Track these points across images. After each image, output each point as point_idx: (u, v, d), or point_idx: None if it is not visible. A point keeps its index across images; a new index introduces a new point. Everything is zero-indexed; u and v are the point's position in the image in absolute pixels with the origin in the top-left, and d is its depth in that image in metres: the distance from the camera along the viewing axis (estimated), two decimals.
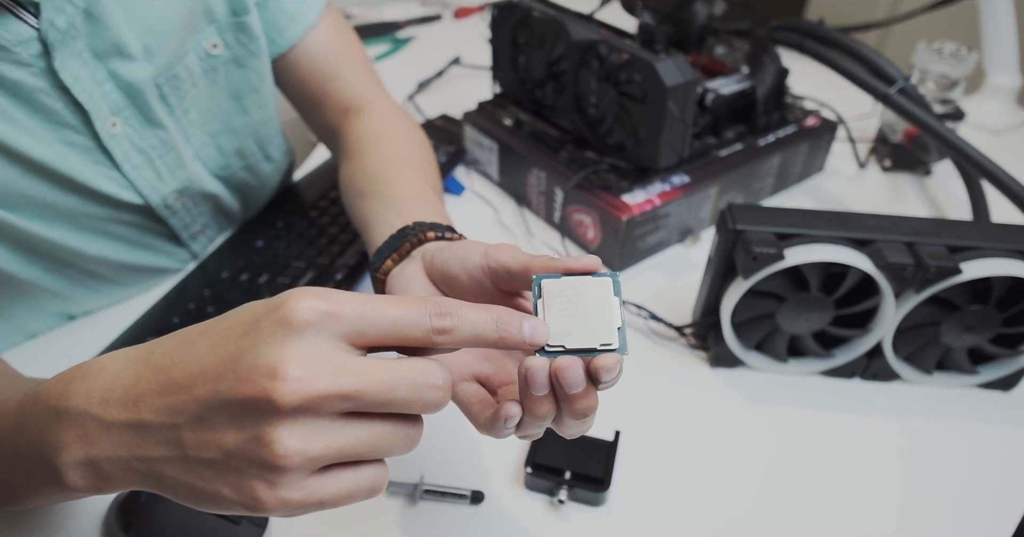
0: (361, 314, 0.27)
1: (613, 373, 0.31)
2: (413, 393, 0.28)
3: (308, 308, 0.26)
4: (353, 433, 0.27)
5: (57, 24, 0.46)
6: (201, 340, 0.28)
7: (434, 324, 0.29)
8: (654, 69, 0.59)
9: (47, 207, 0.51)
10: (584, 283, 0.33)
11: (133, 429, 0.28)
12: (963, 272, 0.49)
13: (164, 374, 0.28)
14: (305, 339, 0.26)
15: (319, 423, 0.26)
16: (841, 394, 0.57)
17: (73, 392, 0.30)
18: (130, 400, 0.28)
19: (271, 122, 0.66)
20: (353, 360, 0.27)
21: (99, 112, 0.51)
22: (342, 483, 0.28)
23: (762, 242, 0.50)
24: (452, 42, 1.13)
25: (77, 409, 0.29)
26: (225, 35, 0.58)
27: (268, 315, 0.27)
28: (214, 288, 0.61)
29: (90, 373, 0.30)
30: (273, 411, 0.26)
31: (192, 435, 0.27)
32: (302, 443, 0.26)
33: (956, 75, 0.79)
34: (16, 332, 0.58)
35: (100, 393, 0.29)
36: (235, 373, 0.26)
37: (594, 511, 0.48)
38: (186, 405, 0.27)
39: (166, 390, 0.28)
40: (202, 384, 0.27)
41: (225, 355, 0.27)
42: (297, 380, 0.25)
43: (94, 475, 0.30)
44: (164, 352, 0.29)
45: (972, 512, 0.49)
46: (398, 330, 0.28)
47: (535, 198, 0.74)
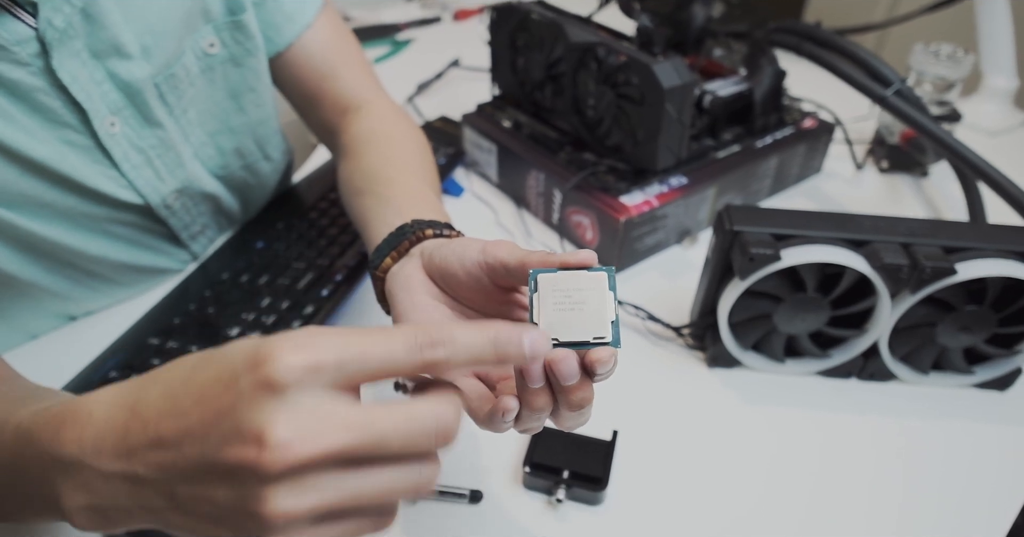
0: (345, 360, 0.26)
1: (608, 366, 0.32)
2: (407, 442, 0.26)
3: (288, 367, 0.25)
4: (347, 486, 0.26)
5: (55, 23, 0.46)
6: (183, 393, 0.27)
7: (425, 357, 0.27)
8: (652, 71, 0.59)
9: (46, 206, 0.52)
10: (579, 277, 0.33)
11: (129, 480, 0.28)
12: (958, 273, 0.49)
13: (152, 428, 0.27)
14: (288, 399, 0.25)
15: (308, 482, 0.26)
16: (838, 394, 0.57)
17: (66, 439, 0.30)
18: (122, 452, 0.28)
19: (269, 121, 0.67)
20: (342, 411, 0.26)
21: (98, 111, 0.51)
22: (340, 530, 0.27)
23: (759, 243, 0.50)
24: (451, 44, 1.14)
25: (72, 457, 0.29)
26: (222, 34, 0.58)
27: (248, 373, 0.25)
28: (215, 289, 0.61)
29: (79, 419, 0.30)
30: (259, 478, 0.25)
31: (186, 490, 0.27)
32: (290, 504, 0.25)
33: (953, 77, 0.79)
34: (17, 332, 0.58)
35: (92, 442, 0.29)
36: (219, 437, 0.25)
37: (592, 510, 0.48)
38: (176, 463, 0.27)
39: (156, 445, 0.27)
40: (189, 443, 0.26)
41: (207, 415, 0.26)
42: (281, 446, 0.24)
43: (100, 519, 0.30)
44: (150, 402, 0.28)
45: (968, 511, 0.49)
46: (387, 368, 0.27)
47: (534, 199, 0.74)
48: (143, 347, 0.56)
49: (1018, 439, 0.54)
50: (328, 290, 0.61)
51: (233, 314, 0.58)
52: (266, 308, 0.59)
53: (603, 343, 0.32)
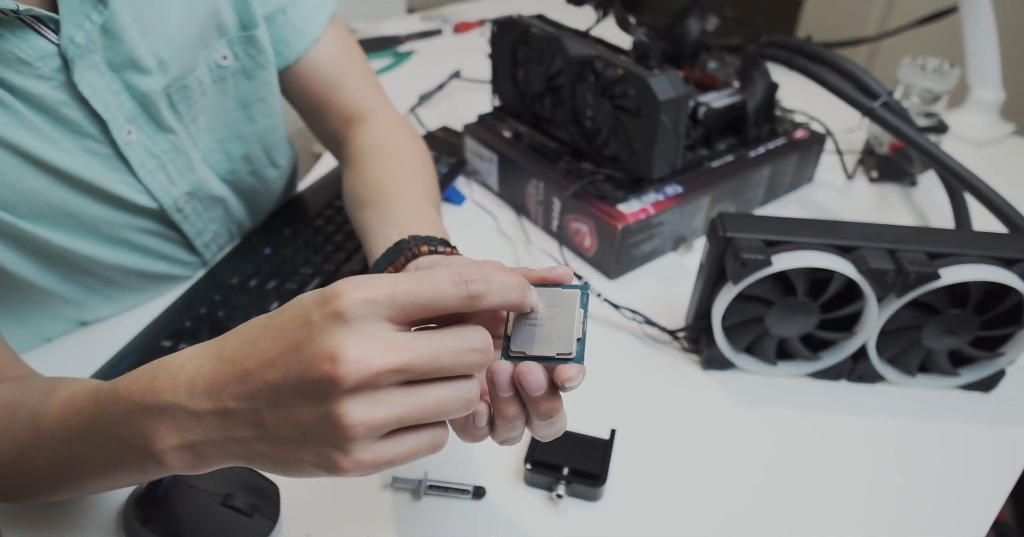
0: (399, 295, 0.30)
1: (575, 382, 0.34)
2: (456, 358, 0.31)
3: (353, 299, 0.29)
4: (409, 401, 0.30)
5: (76, 39, 0.48)
6: (263, 335, 0.31)
7: (469, 290, 0.31)
8: (648, 84, 0.61)
9: (70, 216, 0.54)
10: (554, 294, 0.35)
11: (220, 415, 0.32)
12: (941, 277, 0.51)
13: (239, 366, 0.31)
14: (354, 326, 0.29)
15: (378, 396, 0.30)
16: (828, 395, 0.59)
17: (160, 388, 0.33)
18: (213, 391, 0.32)
19: (277, 130, 0.69)
20: (399, 337, 0.30)
21: (116, 121, 0.53)
22: (407, 444, 0.32)
23: (751, 249, 0.52)
24: (452, 56, 1.16)
25: (168, 403, 0.33)
26: (235, 48, 0.60)
27: (318, 309, 0.30)
28: (224, 293, 0.63)
29: (171, 370, 0.33)
30: (337, 390, 0.29)
31: (272, 415, 0.31)
32: (366, 414, 0.29)
33: (939, 89, 0.82)
34: (32, 336, 0.60)
35: (186, 387, 0.32)
36: (299, 361, 0.29)
37: (591, 506, 0.50)
38: (262, 391, 0.31)
39: (242, 379, 0.31)
40: (272, 371, 0.30)
41: (287, 347, 0.30)
42: (353, 362, 0.28)
43: (192, 456, 0.33)
44: (234, 348, 0.32)
45: (953, 507, 0.51)
46: (436, 303, 0.31)
47: (534, 207, 0.76)
48: (156, 349, 0.57)
49: (1001, 439, 0.56)
50: None
51: (243, 318, 0.60)
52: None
53: (568, 359, 0.34)
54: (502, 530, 0.48)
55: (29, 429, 0.40)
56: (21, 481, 0.42)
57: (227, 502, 0.44)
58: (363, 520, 0.48)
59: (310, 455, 0.31)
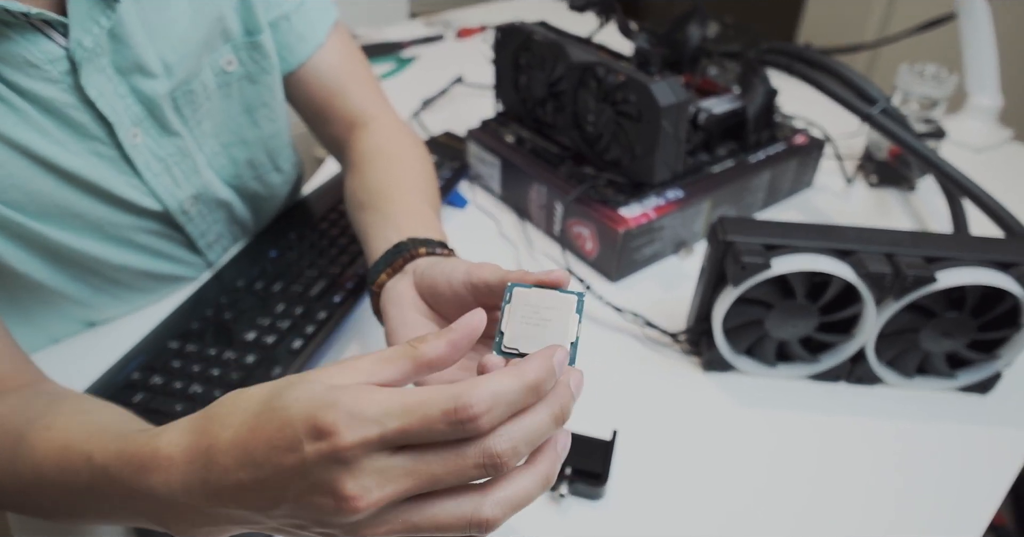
0: (387, 437, 0.29)
1: None
2: (457, 477, 0.30)
3: (347, 446, 0.28)
4: (419, 516, 0.30)
5: (84, 43, 0.49)
6: (252, 444, 0.30)
7: (467, 431, 0.29)
8: (649, 90, 0.62)
9: (77, 217, 0.54)
10: (551, 296, 0.36)
11: (225, 515, 0.32)
12: (938, 281, 0.52)
13: (233, 476, 0.31)
14: (351, 466, 0.28)
15: (386, 517, 0.30)
16: (827, 397, 0.60)
17: (155, 483, 0.33)
18: (212, 495, 0.31)
19: (281, 135, 0.70)
20: (398, 462, 0.29)
21: (122, 124, 0.54)
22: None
23: (750, 252, 0.53)
24: (454, 61, 1.17)
25: (167, 497, 0.33)
26: (240, 53, 0.61)
27: (311, 442, 0.28)
28: (230, 295, 0.64)
29: (161, 465, 0.33)
30: (339, 523, 0.29)
31: (280, 517, 0.31)
32: (380, 530, 0.30)
33: (937, 96, 0.82)
34: (40, 336, 0.61)
35: (182, 487, 0.32)
36: (295, 491, 0.29)
37: (593, 504, 0.51)
38: (264, 505, 0.31)
39: (240, 489, 0.31)
40: (270, 492, 0.30)
41: (280, 469, 0.29)
42: (352, 499, 0.28)
43: (208, 530, 0.34)
44: (223, 450, 0.31)
45: (951, 507, 0.51)
46: (426, 438, 0.29)
47: (536, 212, 0.77)
48: (163, 350, 0.58)
49: (998, 440, 0.56)
50: (340, 297, 0.64)
51: (249, 320, 0.61)
52: (280, 314, 0.62)
53: None
54: (505, 528, 0.49)
55: (30, 472, 0.39)
56: (30, 510, 0.42)
57: None
58: None
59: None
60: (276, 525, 0.32)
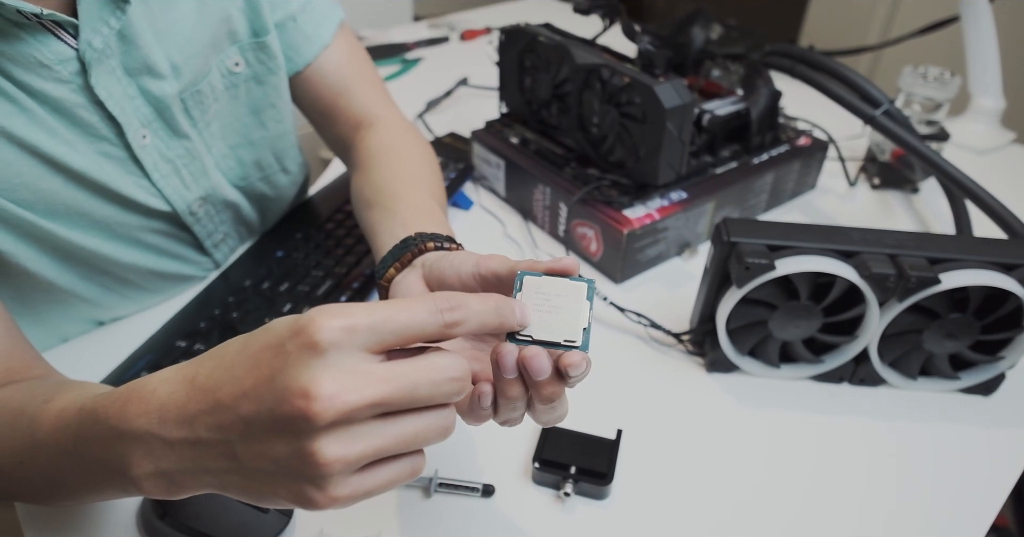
0: (377, 324, 0.29)
1: (580, 369, 0.35)
2: (434, 389, 0.30)
3: (328, 328, 0.28)
4: (387, 433, 0.30)
5: (94, 44, 0.49)
6: (237, 362, 0.30)
7: (445, 319, 0.31)
8: (653, 92, 0.63)
9: (85, 216, 0.55)
10: (562, 284, 0.36)
11: (193, 445, 0.31)
12: (942, 282, 0.52)
13: (211, 395, 0.30)
14: (329, 358, 0.28)
15: (354, 430, 0.29)
16: (830, 398, 0.60)
17: (132, 413, 0.32)
18: (185, 420, 0.31)
19: (288, 136, 0.70)
20: (376, 368, 0.29)
21: (131, 125, 0.54)
22: (384, 475, 0.31)
23: (754, 253, 0.53)
24: (459, 63, 1.17)
25: (139, 429, 0.32)
26: (247, 54, 0.62)
27: (293, 339, 0.29)
28: (237, 295, 0.64)
29: (144, 395, 0.33)
30: (311, 427, 0.28)
31: (245, 449, 0.30)
32: (341, 451, 0.29)
33: (940, 98, 0.83)
34: (50, 336, 0.61)
35: (157, 414, 0.32)
36: (272, 395, 0.29)
37: (598, 504, 0.51)
38: (235, 424, 0.30)
39: (215, 410, 0.30)
40: (245, 404, 0.29)
41: (261, 378, 0.29)
42: (327, 398, 0.28)
43: (166, 483, 0.33)
44: (207, 374, 0.31)
45: (953, 509, 0.51)
46: (413, 331, 0.31)
47: (540, 213, 0.78)
48: (171, 349, 0.59)
49: (1001, 442, 0.56)
50: (346, 297, 0.64)
51: (256, 319, 0.61)
52: (286, 313, 0.62)
53: (573, 346, 0.35)
54: (510, 527, 0.49)
55: (27, 438, 0.39)
56: (23, 486, 0.42)
57: None
58: (374, 517, 0.49)
59: (284, 490, 0.30)
60: (245, 468, 0.30)
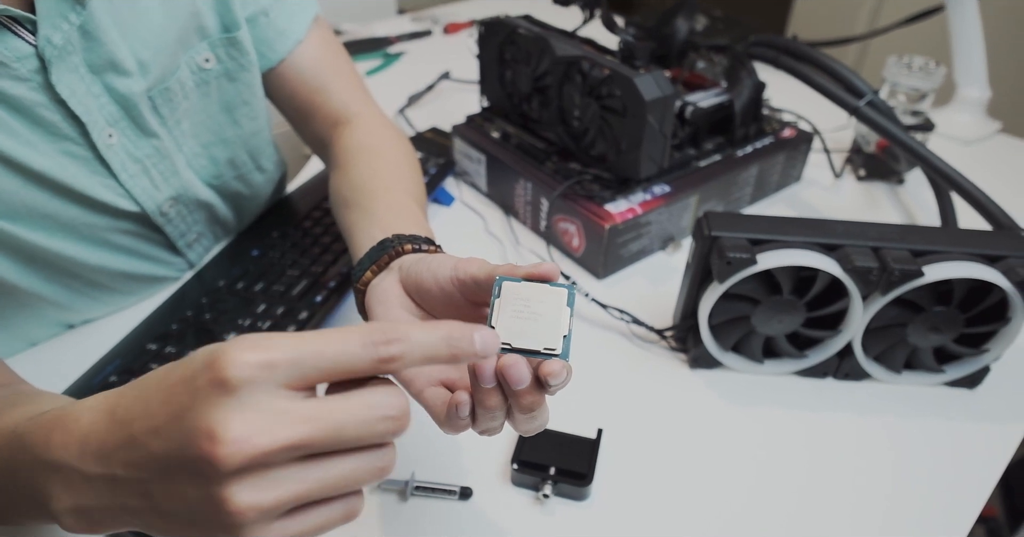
0: (298, 358, 0.27)
1: (560, 378, 0.33)
2: (363, 429, 0.27)
3: (240, 364, 0.26)
4: (309, 477, 0.27)
5: (54, 41, 0.48)
6: (153, 395, 0.28)
7: (380, 354, 0.28)
8: (633, 84, 0.61)
9: (48, 217, 0.53)
10: (541, 290, 0.35)
11: (110, 482, 0.29)
12: (925, 275, 0.51)
13: (126, 429, 0.28)
14: (240, 396, 0.26)
15: (271, 475, 0.26)
16: (815, 393, 0.59)
17: (54, 444, 0.31)
18: (103, 455, 0.29)
19: (262, 133, 0.69)
20: (295, 407, 0.27)
21: (96, 124, 0.53)
22: (311, 521, 0.28)
23: (736, 247, 0.52)
24: (442, 57, 1.16)
25: (60, 461, 0.30)
26: (217, 50, 0.60)
27: (203, 373, 0.26)
28: (211, 296, 0.63)
29: (68, 425, 0.31)
30: (218, 472, 0.26)
31: (159, 489, 0.28)
32: (255, 498, 0.26)
33: (925, 88, 0.82)
34: (17, 340, 0.60)
35: (78, 446, 0.30)
36: (180, 434, 0.26)
37: (577, 505, 0.50)
38: (147, 462, 0.28)
39: (129, 446, 0.28)
40: (156, 441, 0.27)
41: (171, 414, 0.27)
42: (234, 441, 0.25)
43: (86, 520, 0.31)
44: (126, 405, 0.29)
45: (939, 503, 0.51)
46: (342, 366, 0.28)
47: (522, 208, 0.77)
48: (142, 352, 0.57)
49: (986, 434, 0.56)
50: (322, 296, 0.63)
51: (229, 320, 0.60)
52: (261, 314, 0.61)
53: (553, 354, 0.34)
54: (489, 530, 0.48)
55: None
56: None
57: None
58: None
59: (202, 536, 0.28)
60: (162, 509, 0.28)
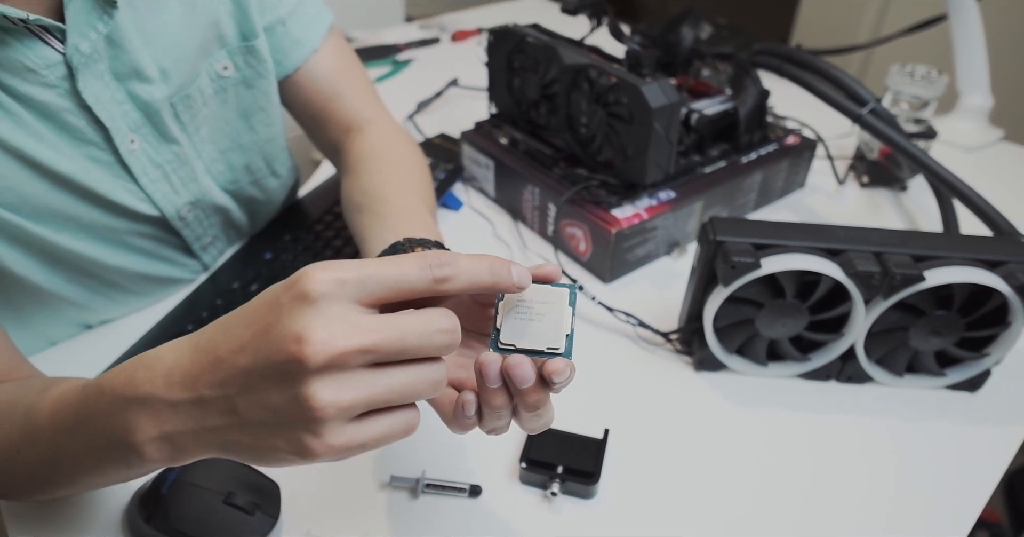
0: (366, 277, 0.31)
1: (564, 376, 0.35)
2: (423, 340, 0.31)
3: (319, 280, 0.30)
4: (378, 383, 0.31)
5: (81, 49, 0.49)
6: (235, 322, 0.32)
7: (435, 274, 0.32)
8: (640, 92, 0.63)
9: (71, 219, 0.55)
10: (544, 291, 0.36)
11: (195, 404, 0.32)
12: (927, 279, 0.52)
13: (212, 354, 0.32)
14: (320, 307, 0.29)
15: (346, 376, 0.30)
16: (818, 396, 0.60)
17: (140, 380, 0.33)
18: (189, 380, 0.32)
19: (277, 140, 0.70)
20: (366, 319, 0.30)
21: (119, 129, 0.54)
22: (378, 426, 0.32)
23: (740, 252, 0.53)
24: (450, 64, 1.17)
25: (146, 394, 0.33)
26: (236, 58, 0.62)
27: (286, 292, 0.30)
28: (225, 298, 0.64)
29: (152, 363, 0.34)
30: (304, 371, 0.29)
31: (243, 401, 0.31)
32: (334, 395, 0.29)
33: (927, 96, 0.83)
34: (38, 339, 0.61)
35: (164, 378, 0.33)
36: (267, 344, 0.30)
37: (584, 503, 0.51)
38: (234, 377, 0.31)
39: (215, 367, 0.31)
40: (243, 357, 0.31)
41: (256, 330, 0.30)
42: (319, 342, 0.29)
43: (169, 448, 0.34)
44: (208, 336, 0.33)
45: (939, 506, 0.52)
46: (402, 285, 0.31)
47: (529, 213, 0.78)
48: None
49: (987, 438, 0.57)
50: None
51: None
52: None
53: (556, 353, 0.35)
54: (498, 527, 0.49)
55: (23, 426, 0.41)
56: (18, 477, 0.43)
57: (229, 500, 0.45)
58: (362, 518, 0.49)
59: (283, 441, 0.31)
60: (245, 422, 0.31)
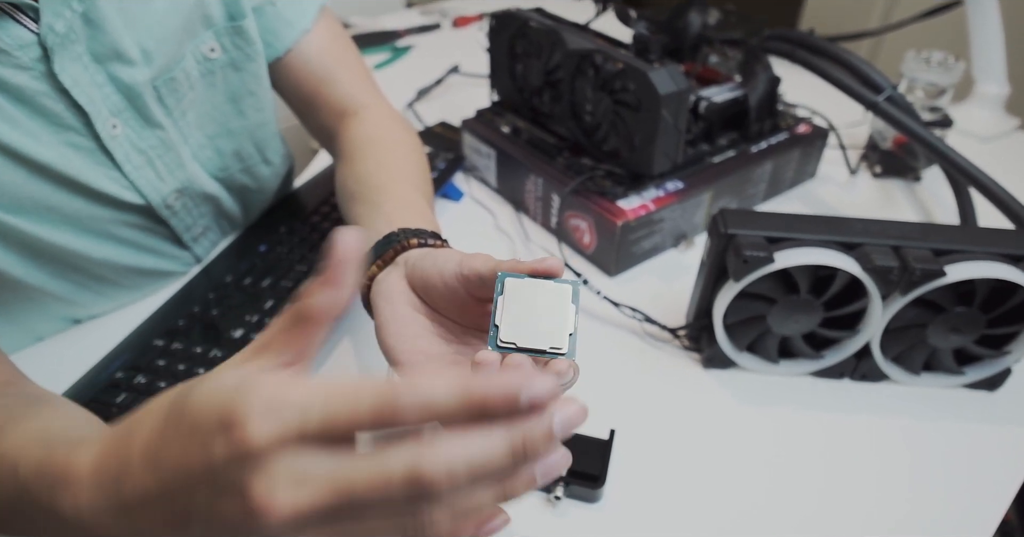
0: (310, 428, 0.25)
1: (567, 377, 0.33)
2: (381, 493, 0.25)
3: (259, 436, 0.24)
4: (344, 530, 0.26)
5: (56, 28, 0.47)
6: (163, 453, 0.27)
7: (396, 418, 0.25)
8: (648, 78, 0.60)
9: (52, 210, 0.53)
10: (545, 287, 0.34)
11: (135, 531, 0.29)
12: (947, 275, 0.50)
13: (141, 490, 0.28)
14: (260, 464, 0.24)
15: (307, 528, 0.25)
16: (831, 394, 0.58)
17: (63, 504, 0.30)
18: (122, 513, 0.29)
19: (268, 125, 0.68)
20: (314, 467, 0.25)
21: (99, 114, 0.52)
22: None
23: (752, 246, 0.51)
24: (451, 51, 1.15)
25: (74, 518, 0.30)
26: (222, 39, 0.59)
27: (220, 436, 0.24)
28: (218, 291, 0.62)
29: (71, 483, 0.30)
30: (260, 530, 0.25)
31: (196, 530, 0.27)
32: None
33: (944, 83, 0.80)
34: (24, 335, 0.59)
35: (89, 508, 0.29)
36: (204, 498, 0.26)
37: (590, 507, 0.49)
38: (175, 515, 0.27)
39: (149, 503, 0.28)
40: (180, 500, 0.27)
41: (190, 475, 0.26)
42: (265, 508, 0.24)
43: None
44: (133, 464, 0.28)
45: (959, 508, 0.50)
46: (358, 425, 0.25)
47: (532, 204, 0.76)
48: (148, 348, 0.57)
49: (1007, 438, 0.55)
50: None
51: (236, 316, 0.59)
52: (269, 310, 0.60)
53: (559, 353, 0.33)
54: (501, 532, 0.47)
55: None
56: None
57: None
58: None
59: None
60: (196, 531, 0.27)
